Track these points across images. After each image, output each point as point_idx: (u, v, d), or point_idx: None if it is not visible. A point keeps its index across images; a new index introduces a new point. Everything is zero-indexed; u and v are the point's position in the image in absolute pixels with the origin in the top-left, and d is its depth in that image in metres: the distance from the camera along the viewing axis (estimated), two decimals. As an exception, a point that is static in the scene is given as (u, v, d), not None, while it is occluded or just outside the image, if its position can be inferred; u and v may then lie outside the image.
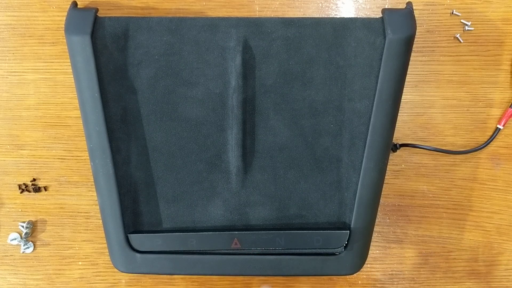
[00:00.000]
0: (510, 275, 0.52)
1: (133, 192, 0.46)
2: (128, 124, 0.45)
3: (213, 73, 0.45)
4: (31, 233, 0.51)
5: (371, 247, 0.48)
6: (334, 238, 0.45)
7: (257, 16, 0.50)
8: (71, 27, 0.43)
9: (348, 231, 0.45)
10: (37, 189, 0.51)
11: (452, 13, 0.50)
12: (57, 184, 0.51)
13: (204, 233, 0.45)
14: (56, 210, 0.51)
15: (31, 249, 0.51)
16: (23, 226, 0.51)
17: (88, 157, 0.46)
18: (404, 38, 0.43)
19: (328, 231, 0.45)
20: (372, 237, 0.48)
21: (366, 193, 0.45)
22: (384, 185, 0.47)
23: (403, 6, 0.46)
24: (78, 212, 0.51)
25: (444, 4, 0.50)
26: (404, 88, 0.45)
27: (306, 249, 0.45)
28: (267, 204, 0.46)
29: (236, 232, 0.45)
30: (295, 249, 0.45)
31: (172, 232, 0.46)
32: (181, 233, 0.45)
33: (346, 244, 0.45)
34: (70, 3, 0.45)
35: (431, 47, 0.50)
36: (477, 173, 0.52)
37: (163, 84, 0.45)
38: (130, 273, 0.47)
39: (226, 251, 0.45)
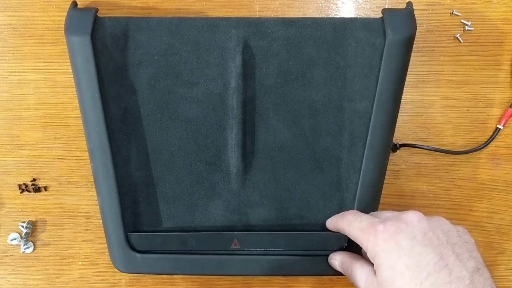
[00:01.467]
0: (510, 275, 0.52)
1: (133, 192, 0.46)
2: (128, 124, 0.45)
3: (213, 73, 0.45)
4: (31, 233, 0.51)
5: (371, 247, 0.48)
6: (334, 240, 0.45)
7: (257, 16, 0.50)
8: (71, 27, 0.43)
9: None
10: (37, 189, 0.51)
11: (452, 13, 0.50)
12: (57, 184, 0.51)
13: (204, 233, 0.45)
14: (56, 210, 0.51)
15: (31, 249, 0.51)
16: (23, 226, 0.51)
17: (88, 157, 0.46)
18: (404, 38, 0.43)
19: (328, 233, 0.45)
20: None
21: (366, 193, 0.45)
22: (384, 185, 0.47)
23: (403, 6, 0.46)
24: (78, 212, 0.51)
25: (444, 4, 0.50)
26: (404, 88, 0.45)
27: (306, 250, 0.45)
28: (267, 204, 0.46)
29: (236, 233, 0.45)
30: (295, 250, 0.45)
31: (172, 232, 0.46)
32: (181, 233, 0.45)
33: (346, 245, 0.45)
34: (70, 3, 0.45)
35: (431, 47, 0.50)
36: (477, 173, 0.52)
37: (163, 84, 0.45)
38: (130, 273, 0.47)
39: (225, 251, 0.45)
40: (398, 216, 0.38)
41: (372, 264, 0.38)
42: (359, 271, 0.39)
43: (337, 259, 0.44)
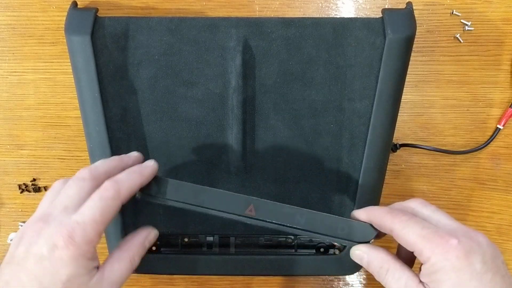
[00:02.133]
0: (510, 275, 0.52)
1: (133, 192, 0.46)
2: (128, 124, 0.45)
3: (213, 73, 0.45)
4: (31, 233, 0.51)
5: (371, 247, 0.48)
6: (361, 230, 0.39)
7: (257, 16, 0.50)
8: (71, 27, 0.44)
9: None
10: (37, 189, 0.51)
11: (452, 13, 0.50)
12: (57, 184, 0.51)
13: (220, 190, 0.40)
14: (56, 210, 0.51)
15: (31, 249, 0.51)
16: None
17: (88, 157, 0.46)
18: (404, 38, 0.43)
19: (357, 221, 0.39)
20: (372, 237, 0.47)
21: (366, 193, 0.45)
22: (384, 185, 0.47)
23: (403, 6, 0.47)
24: (78, 212, 0.51)
25: (444, 4, 0.50)
26: (404, 88, 0.45)
27: (326, 235, 0.40)
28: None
29: (254, 198, 0.40)
30: (313, 232, 0.40)
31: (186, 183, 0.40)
32: (196, 185, 0.40)
33: (372, 240, 0.40)
34: (70, 3, 0.45)
35: (431, 47, 0.50)
36: (477, 173, 0.52)
37: (163, 84, 0.45)
38: (130, 273, 0.47)
39: (239, 216, 0.40)
40: (468, 234, 0.36)
41: (409, 267, 0.36)
42: (398, 274, 0.36)
43: (368, 253, 0.38)
